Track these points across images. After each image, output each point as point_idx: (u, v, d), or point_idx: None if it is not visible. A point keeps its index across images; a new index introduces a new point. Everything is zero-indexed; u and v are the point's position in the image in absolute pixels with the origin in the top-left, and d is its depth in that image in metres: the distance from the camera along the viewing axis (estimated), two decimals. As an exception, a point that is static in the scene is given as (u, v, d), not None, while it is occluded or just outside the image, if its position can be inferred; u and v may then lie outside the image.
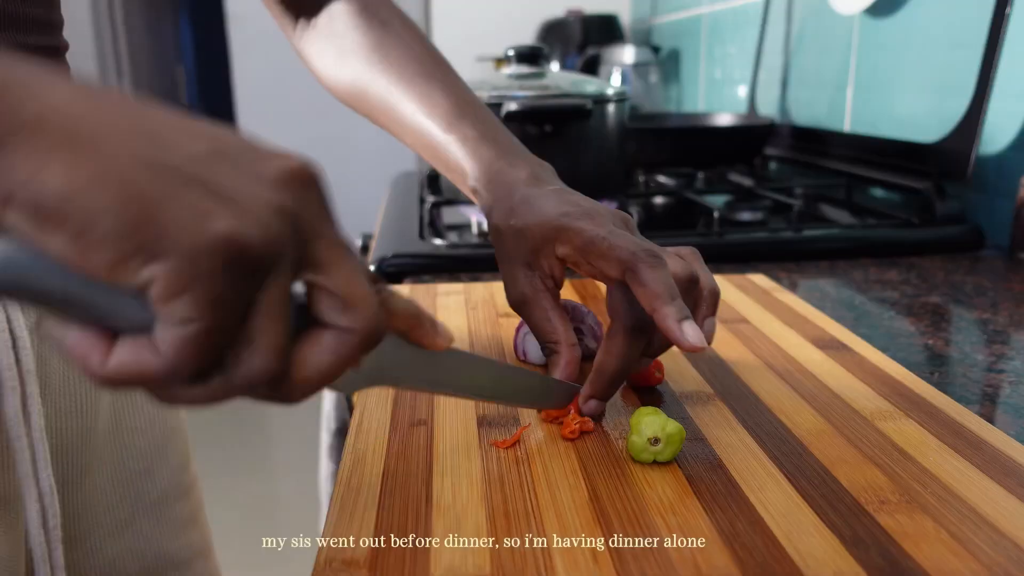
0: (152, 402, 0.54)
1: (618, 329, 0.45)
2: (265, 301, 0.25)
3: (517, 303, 0.49)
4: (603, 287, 0.74)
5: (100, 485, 0.54)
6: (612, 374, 0.45)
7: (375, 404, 0.49)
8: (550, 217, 0.47)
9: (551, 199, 0.48)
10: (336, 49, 0.61)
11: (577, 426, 0.45)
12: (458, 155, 0.54)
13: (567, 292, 0.72)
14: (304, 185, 0.26)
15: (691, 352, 0.42)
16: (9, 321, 0.44)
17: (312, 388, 0.28)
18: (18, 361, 0.45)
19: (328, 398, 1.07)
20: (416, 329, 0.35)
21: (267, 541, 2.04)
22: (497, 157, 0.53)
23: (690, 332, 0.41)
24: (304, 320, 0.28)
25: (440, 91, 0.57)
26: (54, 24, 0.51)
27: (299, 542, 2.01)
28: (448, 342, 0.36)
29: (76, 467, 0.52)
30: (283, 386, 0.28)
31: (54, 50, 0.52)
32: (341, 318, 0.28)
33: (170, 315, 0.24)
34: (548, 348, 0.48)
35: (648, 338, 0.45)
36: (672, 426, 0.41)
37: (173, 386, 0.25)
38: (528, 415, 0.47)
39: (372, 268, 0.83)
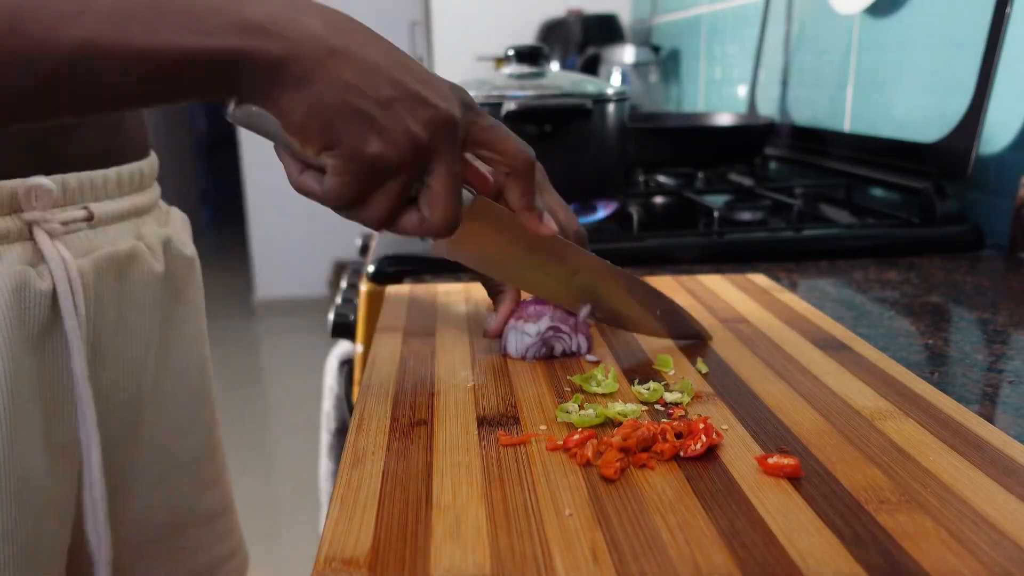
0: (193, 349, 0.64)
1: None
2: (387, 186, 0.43)
3: None
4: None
5: (142, 444, 0.59)
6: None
7: (375, 403, 0.49)
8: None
9: None
10: None
11: (618, 464, 0.41)
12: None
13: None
14: (443, 129, 0.42)
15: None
16: (74, 297, 0.50)
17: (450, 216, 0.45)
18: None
19: (328, 398, 1.07)
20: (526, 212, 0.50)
21: (266, 541, 2.04)
22: None
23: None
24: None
25: None
26: None
27: (299, 542, 2.02)
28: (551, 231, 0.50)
29: (126, 426, 0.58)
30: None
31: None
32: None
33: (332, 171, 0.42)
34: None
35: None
36: None
37: (336, 208, 0.43)
38: (531, 420, 0.47)
39: (372, 268, 0.83)
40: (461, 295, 0.72)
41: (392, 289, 0.74)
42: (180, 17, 0.37)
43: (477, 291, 0.72)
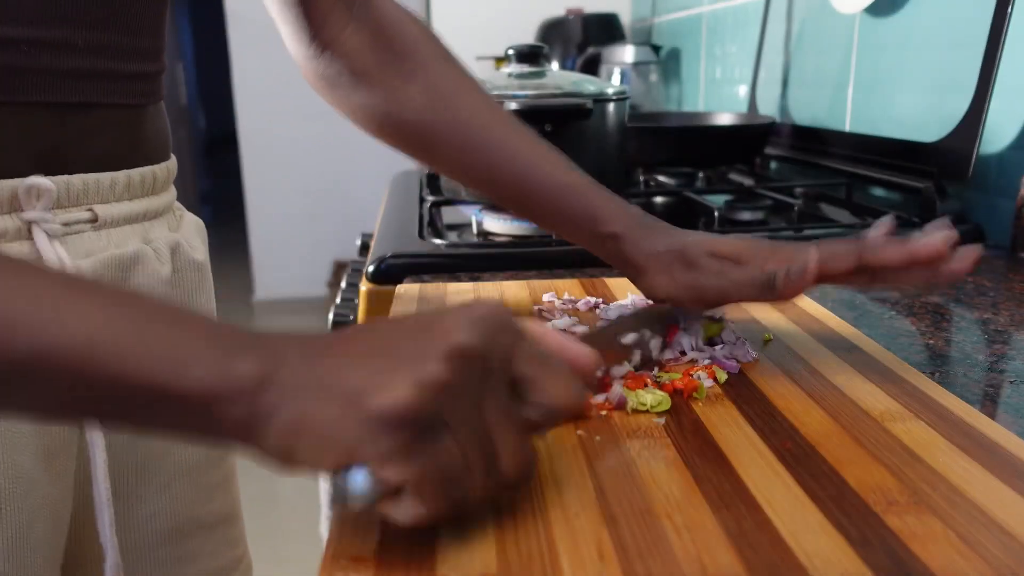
0: None
1: None
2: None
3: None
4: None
5: (147, 450, 0.59)
6: None
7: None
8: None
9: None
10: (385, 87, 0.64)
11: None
12: (586, 200, 0.61)
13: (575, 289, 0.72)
14: (462, 364, 0.33)
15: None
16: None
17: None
18: None
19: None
20: None
21: (266, 541, 2.04)
22: (623, 202, 0.62)
23: None
24: None
25: (531, 137, 0.64)
26: (160, 49, 0.57)
27: (299, 542, 2.01)
28: None
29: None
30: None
31: (156, 74, 0.58)
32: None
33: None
34: None
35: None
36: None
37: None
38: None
39: (372, 268, 0.83)
40: (471, 294, 0.72)
41: (403, 287, 0.74)
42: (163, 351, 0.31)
43: (487, 291, 0.72)
